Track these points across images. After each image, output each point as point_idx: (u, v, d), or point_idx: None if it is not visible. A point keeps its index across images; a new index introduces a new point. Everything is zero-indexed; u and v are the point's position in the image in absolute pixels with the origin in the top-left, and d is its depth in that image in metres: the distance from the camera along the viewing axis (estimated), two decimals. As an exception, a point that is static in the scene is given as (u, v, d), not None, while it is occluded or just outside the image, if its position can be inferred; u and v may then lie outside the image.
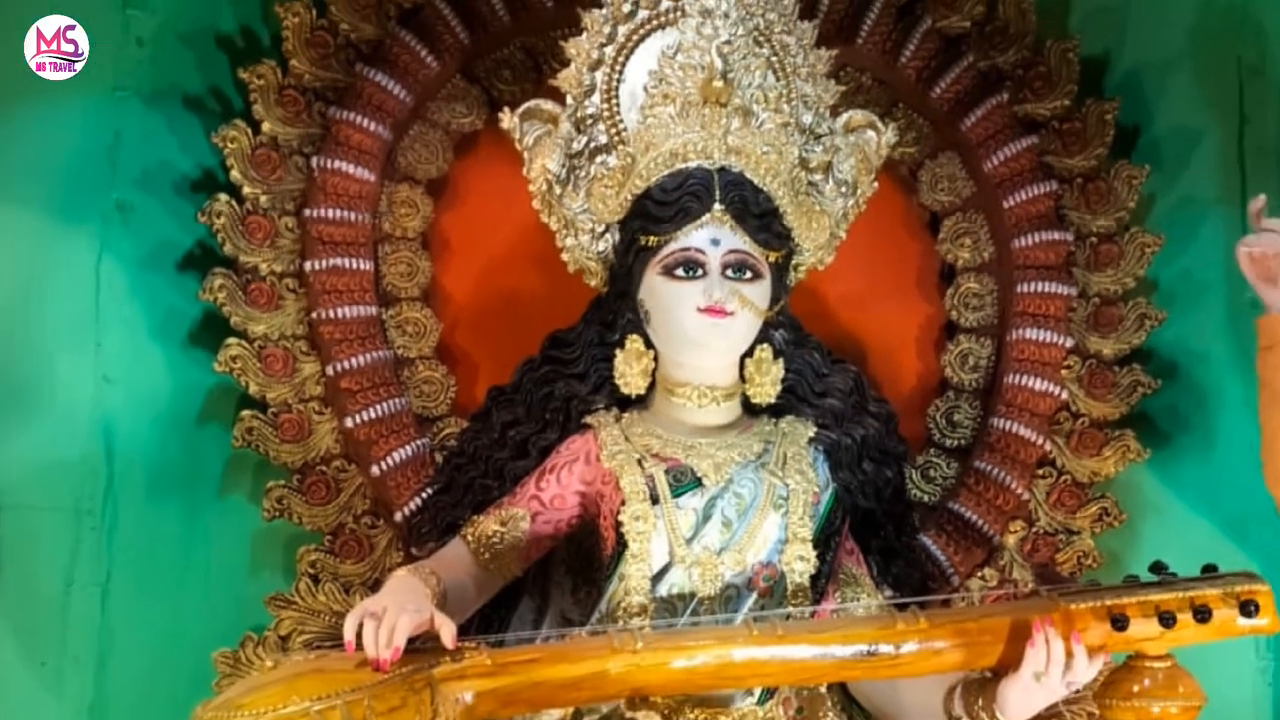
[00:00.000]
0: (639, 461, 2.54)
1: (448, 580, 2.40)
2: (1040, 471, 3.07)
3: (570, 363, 2.72)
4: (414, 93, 3.06)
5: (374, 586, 2.73)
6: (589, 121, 2.64)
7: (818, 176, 2.68)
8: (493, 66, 3.15)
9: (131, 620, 2.92)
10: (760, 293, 2.58)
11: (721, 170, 2.54)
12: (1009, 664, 2.27)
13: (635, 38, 2.62)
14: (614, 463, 2.55)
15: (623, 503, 2.50)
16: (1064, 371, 3.09)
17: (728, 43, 2.54)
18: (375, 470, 2.90)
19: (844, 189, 2.71)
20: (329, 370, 2.93)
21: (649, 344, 2.65)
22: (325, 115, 3.01)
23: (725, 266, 2.54)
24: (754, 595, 2.49)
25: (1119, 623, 2.25)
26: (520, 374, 2.75)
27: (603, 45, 2.63)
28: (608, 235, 2.67)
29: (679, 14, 2.58)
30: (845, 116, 2.72)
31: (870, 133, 2.73)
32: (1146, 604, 2.26)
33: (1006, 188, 3.14)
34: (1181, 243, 3.22)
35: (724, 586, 2.48)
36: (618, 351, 2.66)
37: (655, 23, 2.61)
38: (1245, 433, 2.91)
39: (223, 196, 2.94)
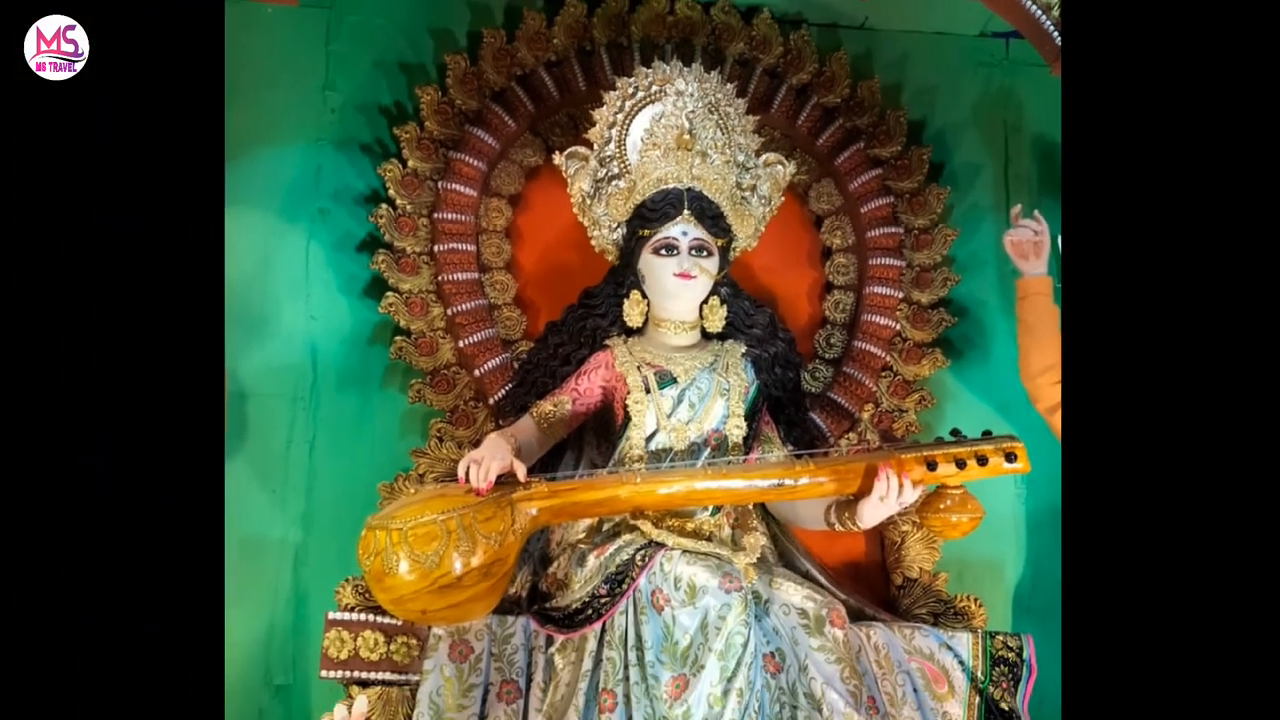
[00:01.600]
0: (638, 367, 2.53)
1: (521, 440, 2.40)
2: (883, 373, 3.01)
3: (595, 307, 2.71)
4: (500, 142, 2.98)
5: (475, 444, 2.66)
6: (607, 160, 2.61)
7: (748, 193, 2.65)
8: (549, 125, 3.07)
9: (328, 464, 2.88)
10: (712, 265, 2.57)
11: (689, 190, 2.53)
12: (865, 491, 2.29)
13: (636, 108, 2.59)
14: (623, 368, 2.54)
15: (628, 393, 2.50)
16: (898, 313, 3.02)
17: (692, 112, 2.54)
18: (477, 373, 2.84)
19: (763, 201, 2.69)
20: (448, 311, 2.86)
21: (644, 296, 2.64)
22: (447, 156, 2.94)
23: (691, 248, 2.53)
24: (708, 450, 2.47)
25: (931, 466, 2.26)
26: (565, 314, 2.75)
27: (616, 113, 2.61)
28: (619, 230, 2.65)
29: (662, 94, 2.56)
30: (765, 156, 2.70)
31: (780, 167, 2.70)
32: (948, 454, 2.27)
33: (862, 200, 3.07)
34: (969, 234, 3.16)
35: (690, 444, 2.47)
36: (625, 300, 2.65)
37: (647, 99, 2.59)
38: (1008, 351, 2.92)
39: (384, 206, 2.89)
